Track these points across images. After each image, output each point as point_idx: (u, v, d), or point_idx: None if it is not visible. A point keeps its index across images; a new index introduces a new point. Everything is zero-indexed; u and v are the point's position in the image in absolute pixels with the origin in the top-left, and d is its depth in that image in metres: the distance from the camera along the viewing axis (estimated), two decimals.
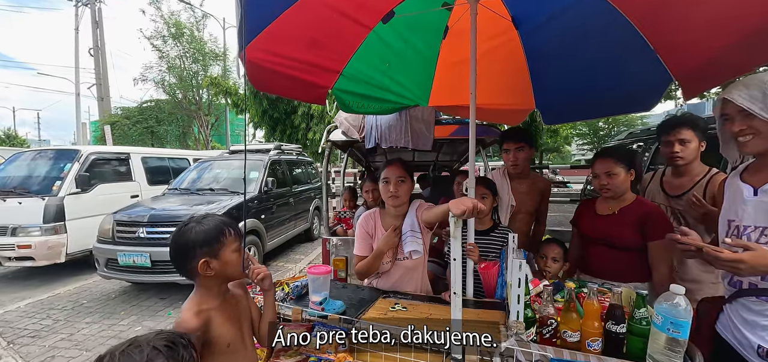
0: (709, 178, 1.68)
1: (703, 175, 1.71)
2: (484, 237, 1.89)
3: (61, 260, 4.76)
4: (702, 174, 1.71)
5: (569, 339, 1.20)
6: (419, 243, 1.68)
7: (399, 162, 1.80)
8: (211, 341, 1.08)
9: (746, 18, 1.31)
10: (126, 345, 0.75)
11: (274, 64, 1.91)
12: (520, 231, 2.15)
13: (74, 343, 3.17)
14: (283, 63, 1.99)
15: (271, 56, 1.86)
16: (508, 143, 2.22)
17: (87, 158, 5.22)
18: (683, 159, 1.72)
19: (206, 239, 1.09)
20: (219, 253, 1.10)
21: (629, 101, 2.26)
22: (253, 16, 1.55)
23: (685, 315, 1.05)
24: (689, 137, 1.71)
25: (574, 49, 2.24)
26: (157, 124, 15.50)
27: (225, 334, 1.12)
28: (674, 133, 1.74)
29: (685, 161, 1.72)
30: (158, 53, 14.78)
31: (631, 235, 1.65)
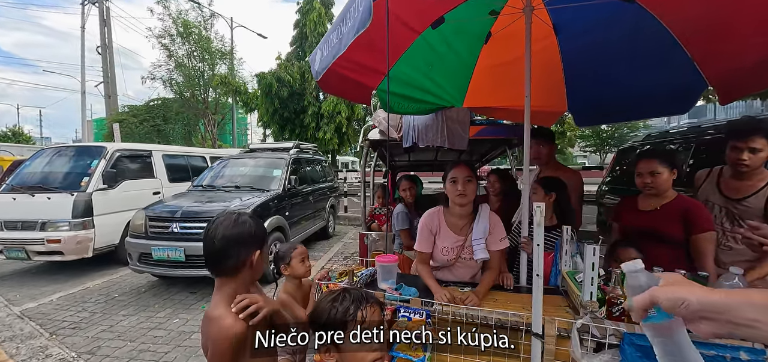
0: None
1: (766, 183, 1.70)
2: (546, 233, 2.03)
3: (89, 255, 4.85)
4: (765, 181, 1.71)
5: None
6: (486, 252, 1.78)
7: (466, 163, 1.91)
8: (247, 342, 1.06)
9: None
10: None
11: (341, 66, 2.03)
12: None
13: (116, 334, 3.26)
14: (345, 65, 2.12)
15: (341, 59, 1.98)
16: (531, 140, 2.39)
17: (112, 155, 5.31)
18: (749, 167, 1.69)
19: (263, 235, 1.16)
20: (264, 250, 1.17)
21: (664, 104, 2.41)
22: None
23: None
24: (761, 146, 1.67)
25: (610, 56, 2.38)
26: (163, 122, 15.57)
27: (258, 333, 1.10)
28: (747, 140, 1.68)
29: (751, 170, 1.70)
30: (166, 52, 14.87)
31: (675, 229, 1.77)
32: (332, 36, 1.43)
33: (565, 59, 2.59)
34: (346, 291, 0.96)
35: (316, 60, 1.65)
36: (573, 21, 2.29)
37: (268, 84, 11.65)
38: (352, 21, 1.19)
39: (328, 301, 0.94)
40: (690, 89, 2.11)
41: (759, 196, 1.68)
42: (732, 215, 1.78)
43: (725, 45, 1.80)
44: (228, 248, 1.08)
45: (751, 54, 1.66)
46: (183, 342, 3.09)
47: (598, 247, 1.33)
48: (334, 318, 0.91)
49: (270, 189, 5.05)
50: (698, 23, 1.82)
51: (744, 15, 1.60)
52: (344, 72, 2.22)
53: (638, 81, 2.35)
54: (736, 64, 1.79)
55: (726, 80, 1.89)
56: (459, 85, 3.00)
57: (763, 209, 1.63)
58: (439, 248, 1.88)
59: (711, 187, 1.90)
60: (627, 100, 2.52)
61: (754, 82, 1.81)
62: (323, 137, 11.86)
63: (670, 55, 2.05)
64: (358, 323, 0.90)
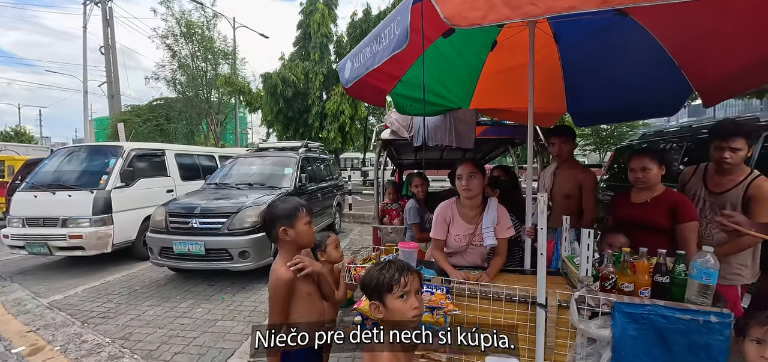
0: (749, 181, 1.88)
1: (744, 177, 1.90)
2: None
3: (108, 250, 5.05)
4: (744, 176, 1.91)
5: (625, 289, 1.57)
6: (494, 239, 2.01)
7: (470, 160, 2.14)
8: (294, 289, 1.48)
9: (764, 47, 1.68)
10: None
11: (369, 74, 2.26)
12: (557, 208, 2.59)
13: (145, 322, 3.48)
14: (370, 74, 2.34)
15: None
16: (553, 138, 2.59)
17: (129, 154, 5.52)
18: (730, 165, 1.89)
19: (285, 213, 1.50)
20: (294, 224, 1.48)
21: (655, 107, 2.65)
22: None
23: (714, 267, 1.42)
24: (741, 146, 1.86)
25: (606, 63, 2.62)
26: (166, 121, 15.74)
27: (304, 285, 1.52)
28: (729, 141, 1.87)
29: (732, 166, 1.90)
30: (170, 52, 15.03)
31: (662, 219, 1.98)
32: (365, 51, 1.65)
33: (564, 65, 2.82)
34: (392, 262, 1.20)
35: (347, 69, 1.87)
36: (572, 31, 2.52)
37: (273, 84, 11.85)
38: (387, 41, 1.41)
39: (378, 268, 1.17)
40: (677, 94, 2.35)
41: (738, 189, 1.89)
42: (715, 207, 1.99)
43: (708, 55, 2.04)
44: (266, 224, 1.52)
45: (731, 64, 1.89)
46: (209, 329, 3.31)
47: (593, 231, 1.56)
48: (383, 281, 1.14)
49: (282, 187, 5.27)
50: (684, 36, 2.06)
51: (725, 30, 1.83)
52: (367, 79, 2.45)
53: (631, 86, 2.59)
54: (717, 72, 2.02)
55: (709, 86, 2.12)
56: (466, 89, 3.23)
57: (741, 200, 1.86)
58: (452, 236, 2.12)
59: (698, 182, 2.11)
60: (621, 103, 2.76)
61: (734, 88, 2.04)
62: (327, 136, 12.07)
63: (659, 62, 2.29)
64: (402, 285, 1.14)
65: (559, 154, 2.56)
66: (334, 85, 12.97)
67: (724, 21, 1.80)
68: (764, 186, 1.81)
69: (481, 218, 2.07)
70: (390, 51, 1.38)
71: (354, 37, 13.78)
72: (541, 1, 1.03)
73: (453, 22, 1.12)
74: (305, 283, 1.54)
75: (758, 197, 1.79)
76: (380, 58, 1.48)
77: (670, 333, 1.44)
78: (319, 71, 12.51)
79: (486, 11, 1.09)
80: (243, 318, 3.55)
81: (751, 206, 1.79)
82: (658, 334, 1.46)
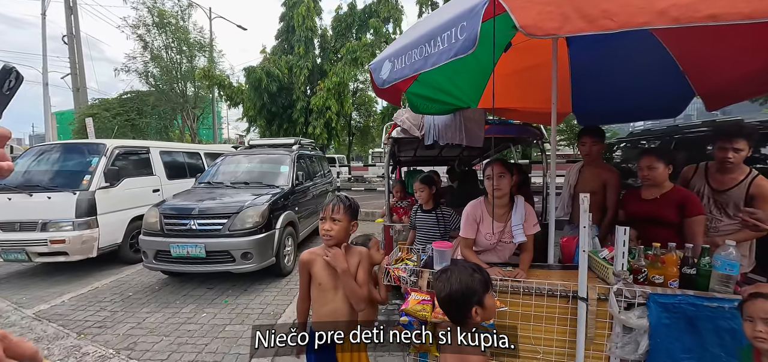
0: (751, 180, 2.03)
1: (746, 175, 2.05)
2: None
3: (93, 255, 4.78)
4: (744, 174, 2.06)
5: (656, 281, 1.69)
6: (523, 235, 2.09)
7: (499, 161, 2.20)
8: (312, 276, 1.60)
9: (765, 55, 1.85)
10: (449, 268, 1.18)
11: None
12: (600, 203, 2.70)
13: (148, 330, 3.33)
14: None
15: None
16: (585, 137, 2.69)
17: (113, 152, 5.21)
18: (733, 164, 2.05)
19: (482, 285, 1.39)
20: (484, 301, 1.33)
21: (658, 109, 2.82)
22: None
23: (736, 259, 1.56)
24: (743, 147, 2.01)
25: (612, 66, 2.76)
26: (138, 116, 14.90)
27: (318, 275, 1.58)
28: (733, 142, 2.02)
29: (734, 166, 2.06)
30: (142, 43, 14.20)
31: (672, 214, 2.14)
32: (412, 52, 1.64)
33: (573, 67, 2.95)
34: (457, 265, 1.22)
35: (385, 70, 1.86)
36: (585, 36, 2.63)
37: (257, 78, 11.49)
38: (445, 44, 1.43)
39: (460, 275, 1.18)
40: (680, 97, 2.52)
41: (741, 187, 2.06)
42: (719, 203, 2.16)
43: (714, 65, 2.20)
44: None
45: (734, 71, 2.06)
46: (219, 334, 3.22)
47: (629, 229, 1.67)
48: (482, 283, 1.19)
49: (279, 185, 5.17)
50: (689, 42, 2.21)
51: (729, 39, 1.99)
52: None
53: (635, 88, 2.75)
54: (720, 80, 2.19)
55: (712, 93, 2.29)
56: (476, 88, 3.30)
57: (743, 197, 2.03)
58: (482, 234, 2.18)
59: (700, 180, 2.27)
60: (625, 105, 2.92)
61: (735, 96, 2.22)
62: (313, 132, 11.88)
63: (664, 67, 2.44)
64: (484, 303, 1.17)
65: (589, 153, 2.69)
66: (319, 79, 12.75)
67: (729, 30, 1.95)
68: (765, 185, 1.99)
69: (509, 215, 2.15)
70: (451, 55, 1.40)
71: (339, 31, 13.59)
72: (617, 16, 1.09)
73: (529, 31, 1.16)
74: (323, 273, 1.58)
75: (762, 195, 1.96)
76: (434, 61, 1.50)
77: (699, 320, 1.57)
78: (304, 66, 12.26)
79: (561, 23, 1.13)
80: (252, 321, 3.48)
81: (756, 203, 1.96)
82: (688, 321, 1.58)
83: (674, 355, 1.59)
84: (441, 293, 1.21)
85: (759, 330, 1.17)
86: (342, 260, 1.54)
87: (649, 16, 1.07)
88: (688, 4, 1.04)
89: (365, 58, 12.00)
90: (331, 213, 1.58)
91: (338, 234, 1.57)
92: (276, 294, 4.17)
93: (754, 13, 1.01)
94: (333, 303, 1.58)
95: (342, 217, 1.58)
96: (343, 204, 1.59)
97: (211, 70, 12.72)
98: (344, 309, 1.58)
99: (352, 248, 1.68)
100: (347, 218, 1.60)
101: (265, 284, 4.46)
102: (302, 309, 1.71)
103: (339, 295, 1.58)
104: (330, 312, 1.58)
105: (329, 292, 1.58)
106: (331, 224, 1.57)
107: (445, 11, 1.64)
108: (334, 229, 1.56)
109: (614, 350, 1.66)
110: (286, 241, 4.80)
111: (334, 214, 1.58)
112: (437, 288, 1.21)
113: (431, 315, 1.74)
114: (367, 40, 12.36)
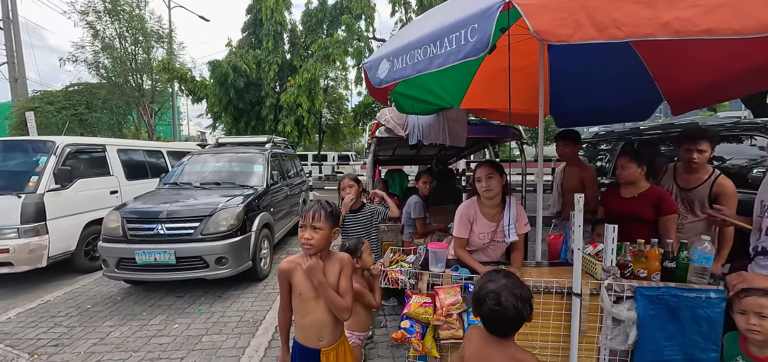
0: (714, 179, 2.21)
1: (709, 175, 2.24)
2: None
3: (43, 265, 4.29)
4: (708, 174, 2.24)
5: (640, 275, 1.80)
6: (515, 235, 2.14)
7: (488, 162, 2.24)
8: (292, 286, 1.56)
9: (729, 65, 2.03)
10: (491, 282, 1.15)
11: None
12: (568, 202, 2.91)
13: (113, 346, 3.05)
14: None
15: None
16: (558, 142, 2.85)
17: (63, 151, 4.71)
18: (698, 165, 2.23)
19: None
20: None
21: (629, 113, 3.02)
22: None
23: (710, 253, 1.70)
24: (706, 148, 2.19)
25: (588, 70, 2.92)
26: (87, 110, 13.60)
27: (298, 285, 1.53)
28: (697, 144, 2.20)
29: (699, 166, 2.24)
30: (92, 31, 12.97)
31: (648, 212, 2.27)
32: (415, 52, 1.61)
33: (552, 71, 3.08)
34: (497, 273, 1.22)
35: (383, 69, 1.82)
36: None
37: (223, 73, 10.89)
38: (454, 46, 1.41)
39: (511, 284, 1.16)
40: (650, 102, 2.71)
41: (705, 186, 2.25)
42: (686, 201, 2.34)
43: (682, 74, 2.39)
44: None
45: (700, 82, 2.25)
46: (195, 346, 3.02)
47: (616, 226, 1.76)
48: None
49: (253, 185, 4.94)
50: (664, 55, 2.38)
51: (698, 55, 2.17)
52: None
53: (609, 92, 2.92)
54: (687, 87, 2.38)
55: (678, 98, 2.49)
56: (460, 89, 3.35)
57: (707, 195, 2.22)
58: (475, 233, 2.21)
59: (670, 180, 2.45)
60: (599, 107, 3.10)
61: (698, 102, 2.43)
62: (283, 130, 11.50)
63: (636, 73, 2.62)
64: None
65: (563, 155, 2.83)
66: (289, 76, 12.36)
67: (698, 43, 2.13)
68: (726, 184, 2.19)
69: (502, 215, 2.19)
70: (460, 57, 1.39)
71: (309, 26, 13.25)
72: (625, 26, 1.14)
73: (543, 37, 1.17)
74: (304, 283, 1.52)
75: (724, 194, 2.16)
76: (440, 63, 1.48)
77: (679, 310, 1.70)
78: (274, 61, 11.81)
79: (574, 30, 1.16)
80: (230, 330, 3.30)
81: (719, 201, 2.15)
82: (670, 312, 1.70)
83: (658, 343, 1.70)
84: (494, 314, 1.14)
85: (752, 324, 1.27)
86: (319, 273, 1.47)
87: (653, 28, 1.12)
88: (687, 18, 1.11)
89: (337, 55, 11.81)
90: (311, 221, 1.49)
91: (319, 243, 1.48)
92: (254, 299, 4.00)
93: (742, 30, 1.10)
94: (314, 313, 1.52)
95: (323, 225, 1.49)
96: (324, 211, 1.51)
97: (171, 62, 11.88)
98: (327, 318, 1.52)
99: (332, 255, 1.60)
100: (329, 226, 1.51)
101: (241, 289, 4.26)
102: (284, 320, 1.63)
103: (321, 304, 1.51)
104: (312, 321, 1.52)
105: (310, 302, 1.52)
106: (311, 232, 1.48)
107: (451, 11, 1.62)
108: (314, 237, 1.47)
109: (605, 342, 1.75)
110: (262, 244, 4.61)
111: (314, 222, 1.49)
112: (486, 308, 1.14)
113: (433, 317, 1.74)
114: (338, 37, 12.15)
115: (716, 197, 2.19)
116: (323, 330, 1.53)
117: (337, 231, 1.59)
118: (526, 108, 3.44)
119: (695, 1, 1.09)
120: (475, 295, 1.19)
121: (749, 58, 1.91)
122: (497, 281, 1.16)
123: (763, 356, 1.30)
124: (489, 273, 1.24)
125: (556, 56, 2.90)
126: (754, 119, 4.16)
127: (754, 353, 1.32)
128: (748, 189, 2.61)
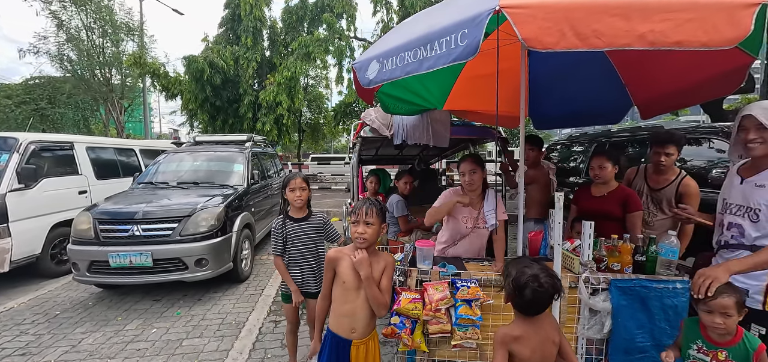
0: (680, 179, 2.38)
1: (676, 176, 2.41)
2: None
3: (5, 270, 4.04)
4: (676, 175, 2.41)
5: (615, 268, 1.93)
6: (495, 219, 2.26)
7: (470, 158, 2.34)
8: (336, 274, 1.66)
9: (693, 74, 2.20)
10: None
11: None
12: (532, 199, 3.19)
13: (87, 353, 2.91)
14: None
15: None
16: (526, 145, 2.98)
17: (27, 148, 4.44)
18: (665, 166, 2.40)
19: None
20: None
21: (601, 116, 3.20)
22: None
23: (675, 247, 1.85)
24: (673, 151, 2.35)
25: (564, 75, 3.07)
26: (49, 105, 12.75)
27: (343, 273, 1.64)
28: (665, 147, 2.36)
29: (667, 167, 2.40)
30: (55, 21, 12.17)
31: (617, 209, 2.43)
32: (405, 55, 1.64)
33: (531, 75, 3.20)
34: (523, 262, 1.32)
35: (372, 70, 1.85)
36: None
37: (199, 69, 10.52)
38: (443, 49, 1.46)
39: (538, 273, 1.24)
40: (622, 106, 2.88)
41: (672, 186, 2.41)
42: (655, 200, 2.50)
43: (651, 81, 2.55)
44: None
45: (667, 89, 2.42)
46: (176, 351, 2.94)
47: (593, 223, 1.87)
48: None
49: (234, 185, 4.83)
50: (634, 63, 2.54)
51: (664, 63, 2.34)
52: None
53: (584, 97, 3.08)
54: (654, 92, 2.55)
55: (647, 103, 2.66)
56: (443, 90, 3.42)
57: (674, 194, 2.39)
58: (459, 219, 2.34)
59: (641, 180, 2.60)
60: (574, 110, 3.26)
61: (665, 107, 2.61)
62: (262, 128, 11.25)
63: (608, 78, 2.78)
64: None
65: (527, 158, 2.98)
66: (269, 73, 12.10)
67: (667, 53, 2.29)
68: (691, 184, 2.37)
69: (482, 203, 2.32)
70: (449, 60, 1.44)
71: (290, 24, 13.03)
72: (604, 36, 1.23)
73: (530, 44, 1.24)
74: (349, 272, 1.61)
75: (688, 193, 2.34)
76: (430, 65, 1.53)
77: (649, 299, 1.82)
78: (253, 58, 11.52)
79: (558, 38, 1.24)
80: (212, 333, 3.23)
81: (684, 200, 2.32)
82: (641, 301, 1.83)
83: (630, 331, 1.83)
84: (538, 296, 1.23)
85: (717, 322, 1.39)
86: (366, 266, 1.56)
87: (630, 39, 1.22)
88: (661, 31, 1.21)
89: (318, 54, 11.69)
90: (364, 217, 1.60)
91: (371, 237, 1.60)
92: (235, 301, 3.92)
93: (709, 43, 1.21)
94: (353, 303, 1.62)
95: (374, 220, 1.61)
96: (375, 208, 1.63)
97: (142, 56, 11.36)
98: (364, 311, 1.62)
99: (378, 254, 1.70)
100: (379, 222, 1.63)
101: (222, 291, 4.17)
102: (322, 308, 1.74)
103: (361, 296, 1.61)
104: (349, 311, 1.62)
105: (352, 292, 1.62)
106: (364, 227, 1.59)
107: (441, 15, 1.67)
108: (367, 232, 1.59)
109: (583, 331, 1.86)
110: (243, 244, 4.53)
111: (367, 217, 1.60)
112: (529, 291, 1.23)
113: (423, 312, 1.79)
114: (319, 35, 12.03)
115: (681, 197, 2.36)
116: (358, 322, 1.62)
117: (385, 226, 1.71)
118: (506, 110, 3.56)
119: (667, 15, 1.19)
120: (515, 283, 1.25)
121: (711, 68, 2.08)
122: (531, 266, 1.25)
123: (723, 341, 1.42)
124: (518, 260, 1.35)
125: (533, 61, 3.02)
126: (712, 123, 4.49)
127: (715, 339, 1.44)
128: (708, 188, 2.83)
